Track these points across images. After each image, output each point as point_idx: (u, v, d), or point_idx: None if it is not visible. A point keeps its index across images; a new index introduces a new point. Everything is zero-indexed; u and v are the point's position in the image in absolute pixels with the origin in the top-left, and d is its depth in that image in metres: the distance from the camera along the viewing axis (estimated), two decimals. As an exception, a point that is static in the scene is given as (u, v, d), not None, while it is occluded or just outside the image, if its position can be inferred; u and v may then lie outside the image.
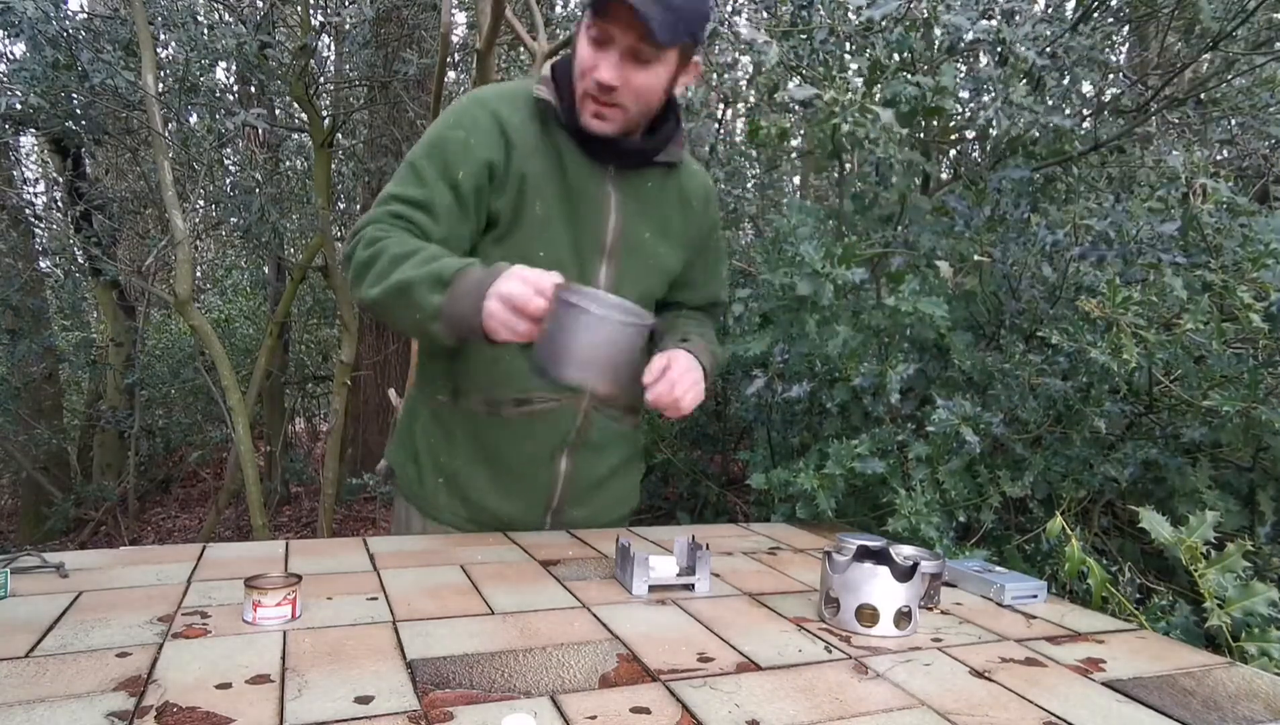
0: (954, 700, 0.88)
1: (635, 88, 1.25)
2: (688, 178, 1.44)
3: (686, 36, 1.23)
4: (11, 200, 4.79)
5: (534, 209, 1.30)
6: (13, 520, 5.27)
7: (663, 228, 1.39)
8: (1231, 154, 3.00)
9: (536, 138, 1.31)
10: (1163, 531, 1.37)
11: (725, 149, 3.90)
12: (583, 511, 1.48)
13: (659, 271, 1.41)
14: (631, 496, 1.59)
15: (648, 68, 1.24)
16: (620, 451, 1.48)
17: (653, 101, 1.29)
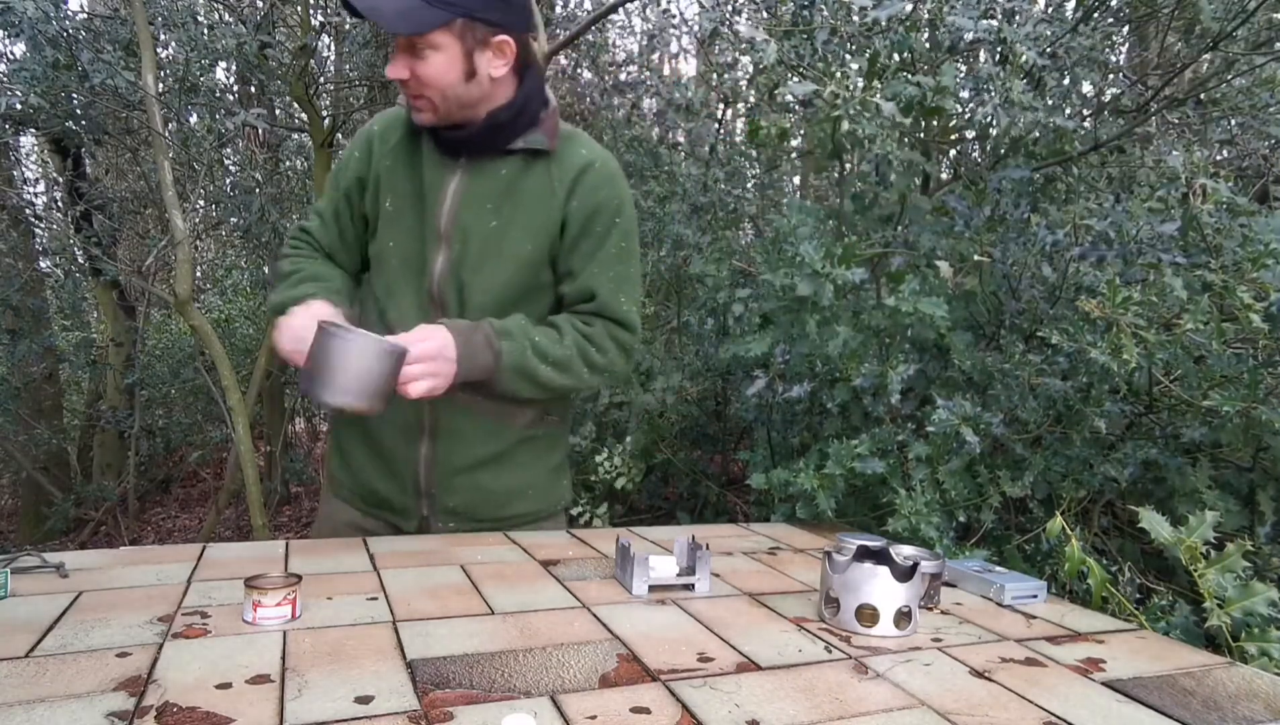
0: (954, 700, 0.88)
1: (421, 78, 1.28)
2: (562, 165, 1.40)
3: (443, 20, 1.23)
4: (11, 200, 4.79)
5: (386, 205, 1.41)
6: (13, 520, 5.27)
7: (515, 215, 1.38)
8: (1231, 154, 3.00)
9: (399, 143, 1.41)
10: (1163, 531, 1.37)
11: (725, 149, 3.90)
12: (456, 500, 1.47)
13: (512, 259, 1.39)
14: (530, 495, 1.52)
15: (425, 58, 1.26)
16: (492, 445, 1.45)
17: (455, 87, 1.30)
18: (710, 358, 3.01)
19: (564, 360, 1.37)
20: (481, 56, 1.30)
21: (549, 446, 1.53)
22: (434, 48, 1.26)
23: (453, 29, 1.26)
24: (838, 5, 1.97)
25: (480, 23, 1.27)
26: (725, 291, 2.58)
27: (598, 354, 1.40)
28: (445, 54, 1.27)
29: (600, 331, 1.42)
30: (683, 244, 3.26)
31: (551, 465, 1.55)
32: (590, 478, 2.98)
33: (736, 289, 2.51)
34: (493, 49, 1.30)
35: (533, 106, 1.38)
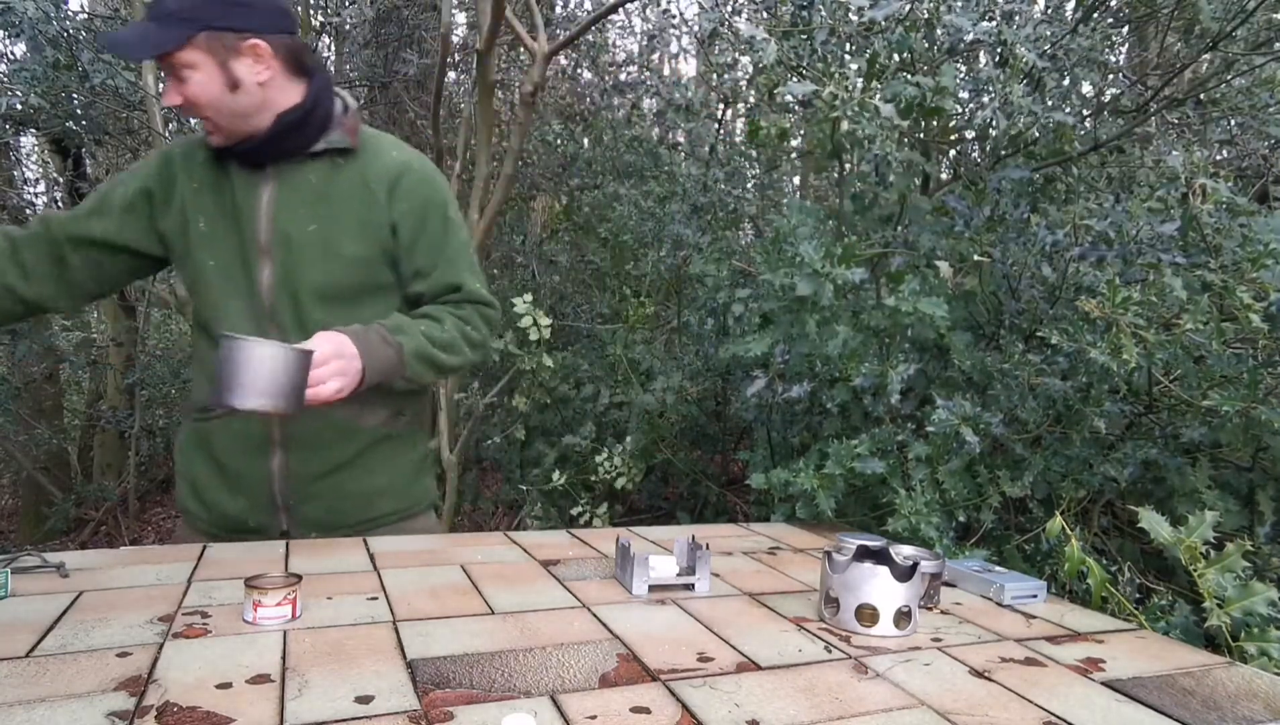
0: (954, 700, 0.88)
1: (192, 98, 1.30)
2: (372, 163, 1.42)
3: (182, 37, 1.25)
4: (12, 200, 4.79)
5: (198, 226, 1.42)
6: (13, 520, 5.27)
7: (334, 217, 1.39)
8: (1231, 154, 3.00)
9: (204, 164, 1.42)
10: (1162, 531, 1.37)
11: (725, 149, 3.90)
12: (317, 508, 1.47)
13: (338, 260, 1.40)
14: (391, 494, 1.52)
15: (187, 79, 1.28)
16: (349, 447, 1.46)
17: (223, 100, 1.31)
18: (710, 358, 3.01)
19: (451, 343, 1.42)
20: (239, 65, 1.30)
21: (406, 445, 1.54)
22: (189, 67, 1.27)
23: (198, 45, 1.26)
24: (836, 5, 1.97)
25: (224, 32, 1.27)
26: (725, 291, 2.58)
27: (474, 332, 1.46)
28: (202, 71, 1.28)
29: (470, 312, 1.47)
30: (683, 244, 3.26)
31: (411, 463, 1.55)
32: (590, 478, 2.98)
33: (736, 289, 2.50)
34: (248, 55, 1.30)
35: (324, 107, 1.39)
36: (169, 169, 1.44)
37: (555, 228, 4.72)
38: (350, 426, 1.45)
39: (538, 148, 4.57)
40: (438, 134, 3.54)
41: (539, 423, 3.38)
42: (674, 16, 4.32)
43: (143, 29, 1.28)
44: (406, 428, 1.54)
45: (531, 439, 3.41)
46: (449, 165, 3.78)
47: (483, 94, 3.11)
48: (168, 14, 1.25)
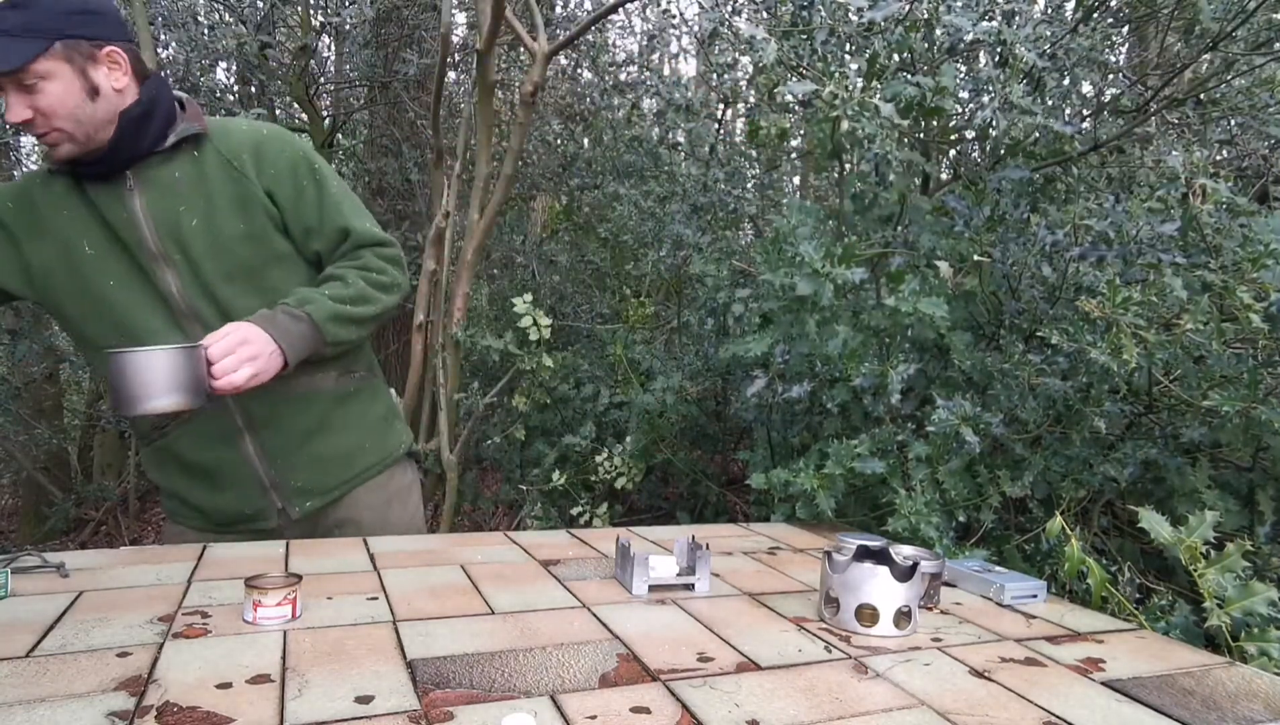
0: (954, 700, 0.88)
1: (46, 109, 1.26)
2: (226, 141, 1.41)
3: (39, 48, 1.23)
4: (12, 200, 4.79)
5: (84, 250, 1.37)
6: (13, 520, 5.27)
7: (213, 203, 1.39)
8: (1231, 154, 3.00)
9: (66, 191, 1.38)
10: (1162, 531, 1.37)
11: (725, 149, 3.90)
12: (302, 477, 1.50)
13: (232, 240, 1.40)
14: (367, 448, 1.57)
15: (40, 90, 1.25)
16: (311, 414, 1.49)
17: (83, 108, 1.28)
18: (710, 358, 3.01)
19: (360, 295, 1.42)
20: (97, 72, 1.29)
21: (368, 399, 1.58)
22: (45, 77, 1.25)
23: (56, 54, 1.25)
24: (836, 5, 1.97)
25: (80, 40, 1.27)
26: (725, 291, 2.58)
27: (380, 276, 1.46)
28: (60, 80, 1.26)
29: (369, 258, 1.47)
30: (683, 244, 3.26)
31: (377, 416, 1.60)
32: (590, 478, 2.98)
33: (736, 289, 2.50)
34: (105, 62, 1.30)
35: (164, 101, 1.37)
36: (28, 199, 1.40)
37: (555, 228, 4.72)
38: (305, 395, 1.48)
39: (538, 148, 4.57)
40: (438, 134, 3.54)
41: (539, 423, 3.38)
42: (674, 16, 4.32)
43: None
44: (363, 383, 1.58)
45: (531, 439, 3.41)
46: (449, 165, 3.78)
47: (483, 94, 3.11)
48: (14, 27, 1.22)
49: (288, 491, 1.51)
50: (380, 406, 1.62)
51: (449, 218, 3.28)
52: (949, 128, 2.60)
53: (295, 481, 1.51)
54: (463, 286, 3.16)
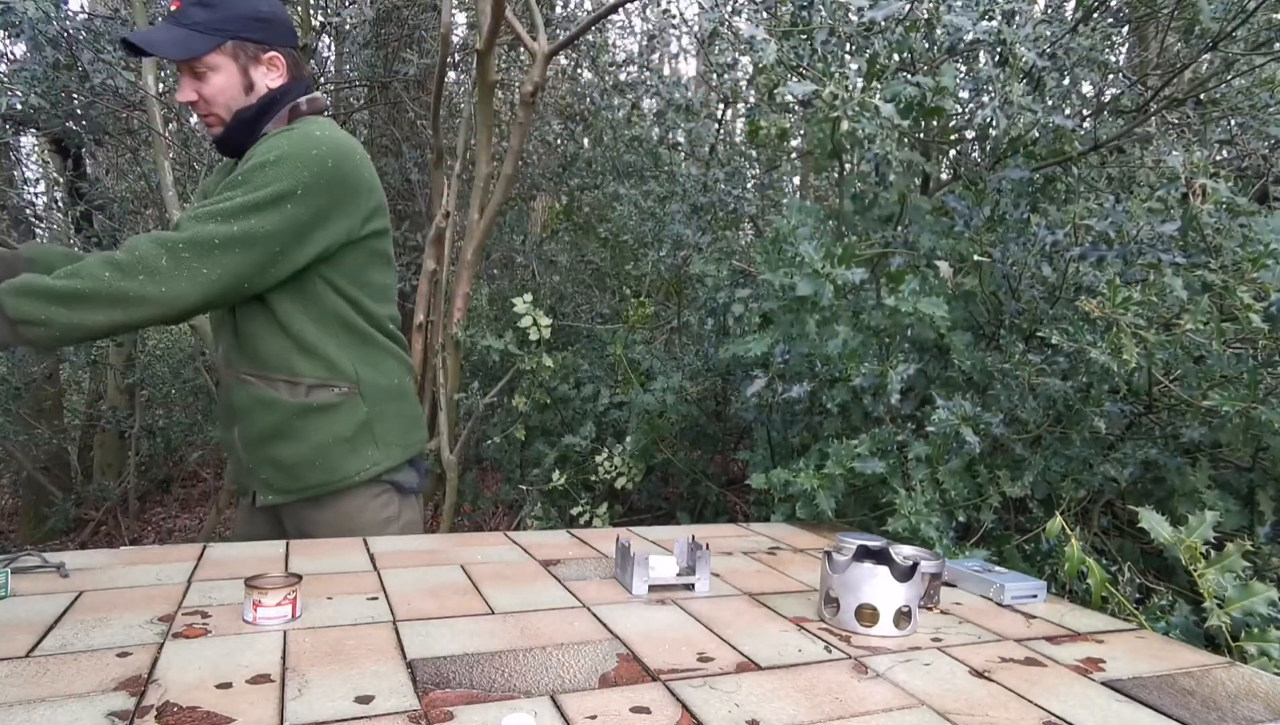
0: (954, 700, 0.88)
1: (208, 96, 1.48)
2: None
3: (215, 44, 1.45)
4: (12, 200, 4.79)
5: None
6: (13, 520, 5.27)
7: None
8: (1231, 154, 3.00)
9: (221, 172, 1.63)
10: (1162, 531, 1.37)
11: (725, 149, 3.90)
12: (264, 471, 1.57)
13: None
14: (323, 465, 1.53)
15: (205, 78, 1.47)
16: (271, 417, 1.52)
17: (237, 100, 1.50)
18: (710, 358, 3.01)
19: (77, 268, 1.31)
20: (256, 71, 1.51)
21: (336, 418, 1.54)
22: (212, 69, 1.47)
23: (225, 50, 1.47)
24: (836, 5, 1.97)
25: (249, 42, 1.49)
26: (725, 291, 2.58)
27: (122, 254, 1.33)
28: (224, 72, 1.48)
29: (136, 238, 1.36)
30: (683, 244, 3.26)
31: (341, 436, 1.54)
32: (590, 478, 2.98)
33: (736, 289, 2.50)
34: (265, 64, 1.52)
35: (282, 103, 1.54)
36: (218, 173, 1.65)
37: (555, 228, 4.72)
38: (270, 399, 1.53)
39: (538, 148, 4.57)
40: (437, 134, 3.54)
41: (539, 423, 3.38)
42: (674, 16, 4.32)
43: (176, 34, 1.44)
44: (337, 398, 1.53)
45: (531, 439, 3.41)
46: (449, 165, 3.78)
47: (483, 94, 3.11)
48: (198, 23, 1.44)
49: (258, 480, 1.60)
50: (347, 428, 1.54)
51: (449, 218, 3.28)
52: (949, 128, 2.60)
53: (260, 474, 1.59)
54: (463, 286, 3.16)
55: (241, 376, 1.55)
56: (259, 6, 1.50)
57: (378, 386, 1.58)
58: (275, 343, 1.50)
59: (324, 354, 1.51)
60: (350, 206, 1.49)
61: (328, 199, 1.44)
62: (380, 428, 1.58)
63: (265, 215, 1.39)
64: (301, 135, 1.45)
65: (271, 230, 1.39)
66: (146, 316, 1.34)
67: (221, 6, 1.46)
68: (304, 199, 1.42)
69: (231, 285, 1.39)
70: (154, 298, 1.32)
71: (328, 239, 1.47)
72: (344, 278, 1.52)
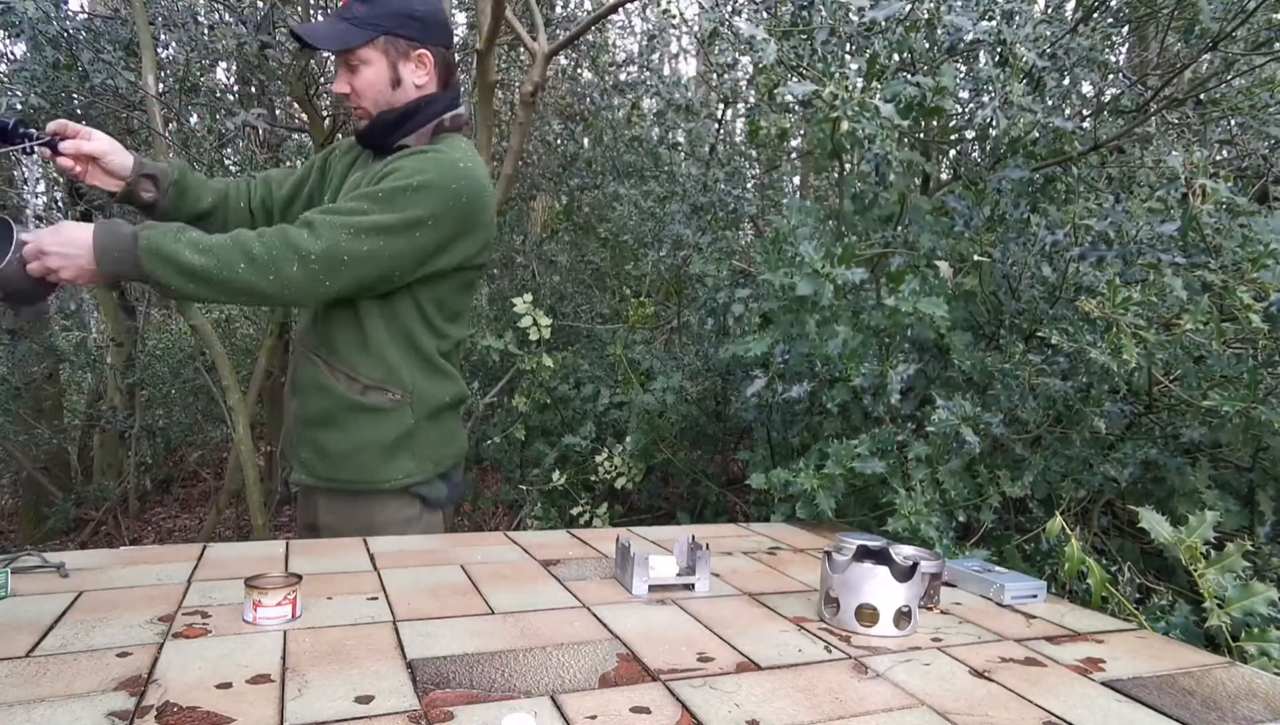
0: (954, 700, 0.88)
1: (358, 88, 1.53)
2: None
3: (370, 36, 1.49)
4: (11, 200, 4.79)
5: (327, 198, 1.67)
6: (13, 520, 5.27)
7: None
8: (1231, 154, 3.00)
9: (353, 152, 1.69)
10: (1162, 531, 1.37)
11: (725, 149, 3.90)
12: (303, 452, 1.61)
13: None
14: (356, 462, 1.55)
15: (358, 71, 1.52)
16: (323, 403, 1.56)
17: (384, 94, 1.54)
18: (710, 358, 3.01)
19: (216, 247, 1.35)
20: (405, 67, 1.54)
21: (383, 422, 1.55)
22: (364, 62, 1.51)
23: (377, 45, 1.51)
24: (836, 5, 1.97)
25: (400, 38, 1.52)
26: (725, 291, 2.59)
27: (259, 247, 1.36)
28: (374, 66, 1.52)
29: (276, 230, 1.41)
30: (683, 244, 3.26)
31: (382, 441, 1.55)
32: (590, 478, 2.98)
33: (736, 289, 2.50)
34: (414, 61, 1.55)
35: (427, 113, 1.57)
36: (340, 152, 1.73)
37: (555, 228, 4.72)
38: (326, 385, 1.56)
39: (538, 148, 4.57)
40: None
41: (539, 423, 3.38)
42: (674, 16, 4.32)
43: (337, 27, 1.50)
44: (389, 403, 1.55)
45: (531, 439, 3.41)
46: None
47: (483, 94, 3.11)
48: (356, 16, 1.50)
49: (298, 458, 1.63)
50: (391, 434, 1.56)
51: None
52: (949, 128, 2.60)
53: (301, 453, 1.62)
54: (463, 286, 3.15)
55: (311, 355, 1.60)
56: (414, 4, 1.53)
57: (428, 401, 1.59)
58: (348, 336, 1.55)
59: (388, 360, 1.54)
60: (471, 239, 1.53)
61: (454, 230, 1.49)
62: (420, 440, 1.59)
63: (395, 239, 1.43)
64: (447, 163, 1.49)
65: (396, 254, 1.45)
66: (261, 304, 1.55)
67: (380, 3, 1.50)
68: (434, 228, 1.47)
69: (345, 294, 1.47)
70: (275, 296, 1.41)
71: (441, 263, 1.51)
72: (430, 297, 1.55)
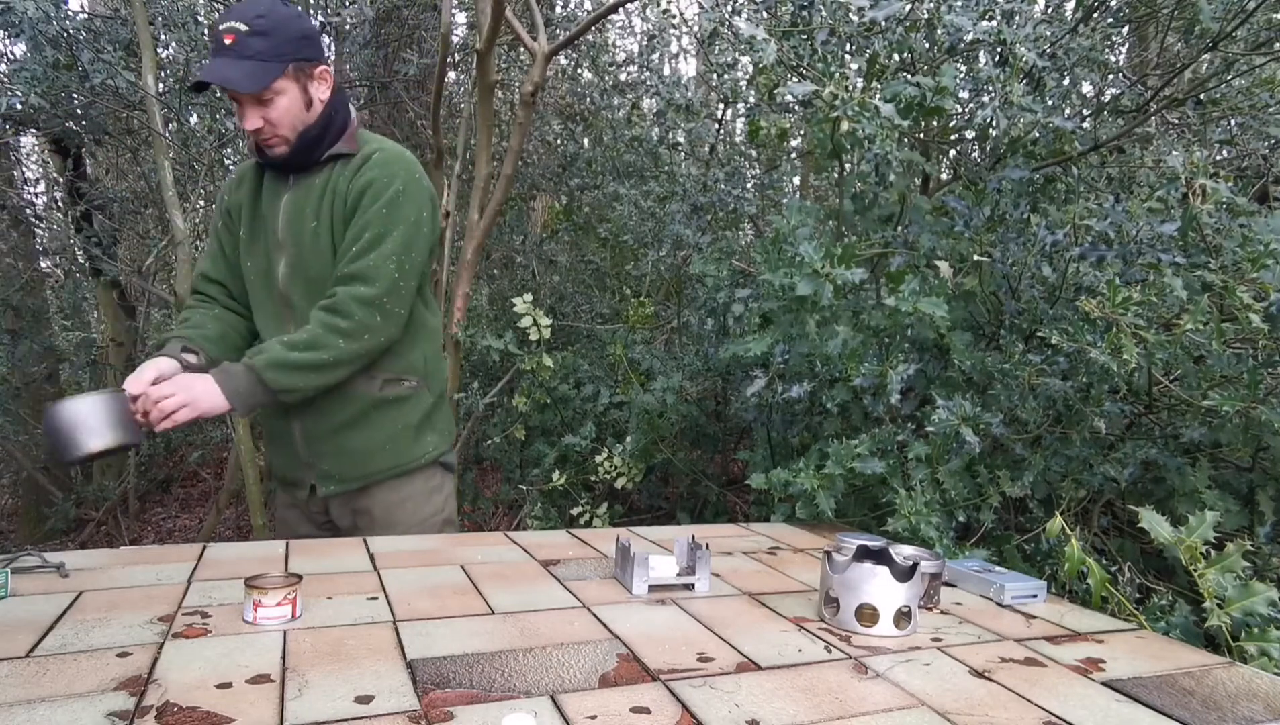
0: (954, 700, 0.88)
1: (275, 119, 1.53)
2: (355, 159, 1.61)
3: (281, 70, 1.50)
4: (12, 200, 4.78)
5: (242, 234, 1.68)
6: (13, 520, 5.27)
7: (323, 214, 1.59)
8: (1231, 154, 3.00)
9: (247, 182, 1.68)
10: (1162, 531, 1.37)
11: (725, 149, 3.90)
12: (330, 464, 1.65)
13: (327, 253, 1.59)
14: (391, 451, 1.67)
15: (273, 103, 1.52)
16: (348, 410, 1.62)
17: (300, 117, 1.56)
18: (710, 358, 3.01)
19: (313, 340, 1.51)
20: (313, 86, 1.57)
21: (405, 407, 1.68)
22: (279, 93, 1.52)
23: (289, 74, 1.52)
24: (836, 6, 1.97)
25: (304, 61, 1.54)
26: (725, 291, 2.59)
27: (342, 319, 1.52)
28: (288, 95, 1.53)
29: (341, 297, 1.53)
30: (683, 244, 3.26)
31: (410, 424, 1.68)
32: (590, 478, 2.98)
33: (736, 289, 2.50)
34: (318, 79, 1.57)
35: (339, 120, 1.61)
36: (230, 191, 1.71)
37: (555, 228, 4.72)
38: (346, 393, 1.61)
39: (538, 148, 4.57)
40: (438, 134, 3.54)
41: (539, 423, 3.38)
42: (674, 16, 4.32)
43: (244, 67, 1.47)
44: (408, 392, 1.67)
45: (531, 439, 3.41)
46: (449, 165, 3.78)
47: (483, 94, 3.11)
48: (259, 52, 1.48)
49: (316, 471, 1.66)
50: (415, 416, 1.69)
51: (449, 218, 3.28)
52: (949, 128, 2.60)
53: (324, 465, 1.65)
54: (463, 286, 3.16)
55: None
56: (303, 25, 1.56)
57: (439, 378, 1.76)
58: None
59: (401, 350, 1.63)
60: (435, 208, 1.64)
61: (432, 208, 1.62)
62: (436, 415, 1.75)
63: (416, 242, 1.58)
64: (396, 156, 1.61)
65: (421, 252, 1.59)
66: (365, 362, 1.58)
67: (276, 33, 1.49)
68: (429, 216, 1.60)
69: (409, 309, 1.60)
70: (373, 351, 1.57)
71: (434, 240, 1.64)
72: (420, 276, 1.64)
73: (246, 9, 1.49)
